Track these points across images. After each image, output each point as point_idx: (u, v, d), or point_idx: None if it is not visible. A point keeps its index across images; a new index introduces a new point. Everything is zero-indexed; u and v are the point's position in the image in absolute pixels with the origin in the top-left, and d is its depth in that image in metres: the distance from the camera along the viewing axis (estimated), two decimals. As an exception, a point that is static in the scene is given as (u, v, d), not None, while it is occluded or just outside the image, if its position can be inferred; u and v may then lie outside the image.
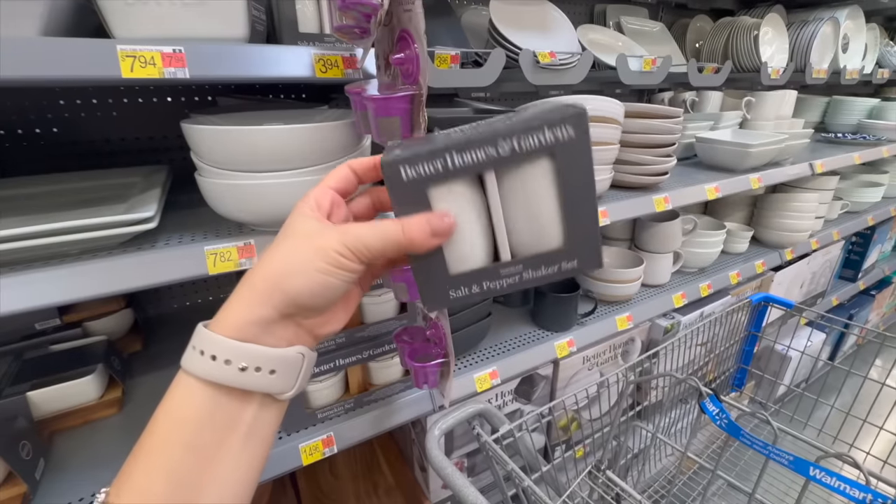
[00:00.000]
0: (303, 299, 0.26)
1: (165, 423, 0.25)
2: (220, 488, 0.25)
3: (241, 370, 0.25)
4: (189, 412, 0.25)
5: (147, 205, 0.50)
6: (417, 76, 0.42)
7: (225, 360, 0.25)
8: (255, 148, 0.45)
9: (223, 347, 0.25)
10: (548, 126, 0.26)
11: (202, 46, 0.43)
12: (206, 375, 0.25)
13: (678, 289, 1.10)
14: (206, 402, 0.25)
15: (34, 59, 0.37)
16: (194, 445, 0.25)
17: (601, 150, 0.79)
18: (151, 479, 0.24)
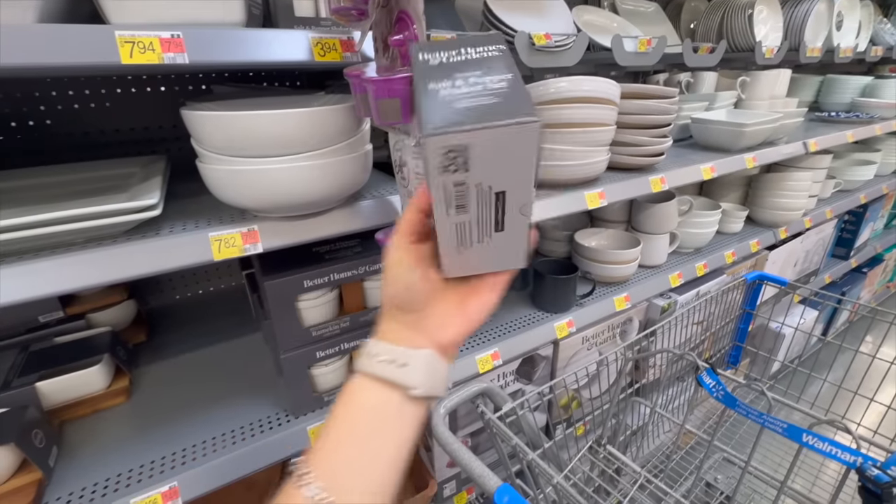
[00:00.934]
0: (398, 300, 0.33)
1: (337, 406, 0.32)
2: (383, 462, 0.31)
3: (380, 361, 0.31)
4: (355, 398, 0.32)
5: (150, 192, 0.50)
6: (416, 57, 0.42)
7: (371, 354, 0.32)
8: (255, 133, 0.46)
9: (371, 345, 0.33)
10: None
11: (200, 31, 0.43)
12: (364, 368, 0.32)
13: (674, 269, 1.11)
14: (364, 390, 0.31)
15: (32, 46, 0.37)
16: (354, 427, 0.31)
17: (597, 131, 0.79)
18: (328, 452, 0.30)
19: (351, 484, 0.29)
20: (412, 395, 0.31)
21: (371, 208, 0.60)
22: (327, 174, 0.50)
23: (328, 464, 0.30)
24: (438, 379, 0.32)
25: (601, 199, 0.83)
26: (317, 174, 0.50)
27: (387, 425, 0.31)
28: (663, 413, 0.98)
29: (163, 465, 0.60)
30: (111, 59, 0.40)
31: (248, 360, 0.81)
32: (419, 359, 0.31)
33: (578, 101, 0.76)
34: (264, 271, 0.62)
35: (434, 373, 0.32)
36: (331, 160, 0.50)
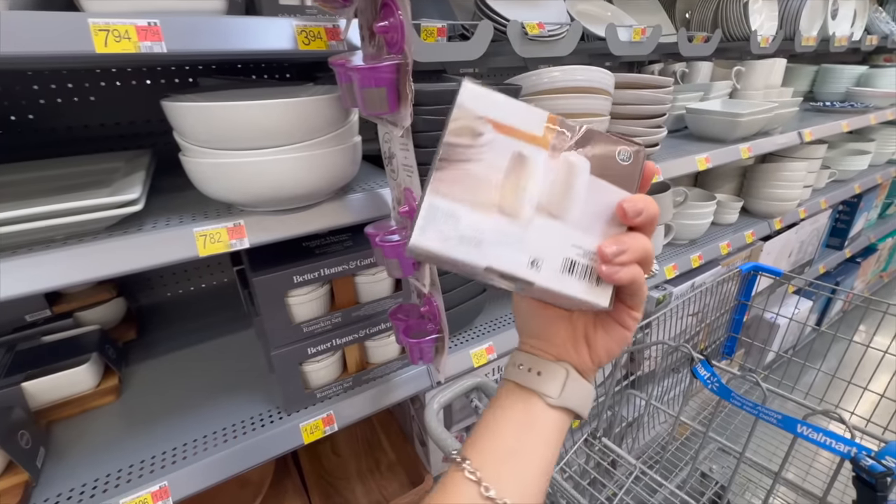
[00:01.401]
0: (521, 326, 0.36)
1: (489, 411, 0.33)
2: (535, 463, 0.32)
3: (519, 369, 0.33)
4: (499, 402, 0.33)
5: (132, 187, 0.49)
6: (402, 45, 0.41)
7: (514, 363, 0.34)
8: (239, 124, 0.44)
9: (514, 354, 0.35)
10: None
11: (179, 19, 0.42)
12: (506, 374, 0.34)
13: (669, 260, 1.11)
14: (509, 395, 0.33)
15: (3, 35, 0.36)
16: (501, 427, 0.32)
17: (591, 122, 0.78)
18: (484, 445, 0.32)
19: (508, 474, 0.30)
20: (550, 404, 0.32)
21: (361, 202, 0.59)
22: (315, 166, 0.49)
23: (484, 456, 0.31)
24: (576, 392, 0.32)
25: (595, 191, 0.82)
26: (303, 166, 0.48)
27: (534, 429, 0.32)
28: (658, 406, 0.98)
29: (153, 465, 0.59)
30: (85, 49, 0.38)
31: (240, 356, 0.80)
32: (553, 369, 0.32)
33: (572, 91, 0.75)
34: (253, 267, 0.61)
35: (570, 386, 0.32)
36: (318, 152, 0.49)
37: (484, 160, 0.26)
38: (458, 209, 0.25)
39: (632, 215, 0.26)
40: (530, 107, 0.26)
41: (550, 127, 0.26)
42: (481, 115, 0.25)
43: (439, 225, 0.25)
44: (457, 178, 0.25)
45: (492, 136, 0.26)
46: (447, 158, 0.25)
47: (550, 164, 0.26)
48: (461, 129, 0.25)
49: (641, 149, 0.27)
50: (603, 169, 0.27)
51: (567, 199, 0.27)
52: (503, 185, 0.26)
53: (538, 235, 0.26)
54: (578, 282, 0.27)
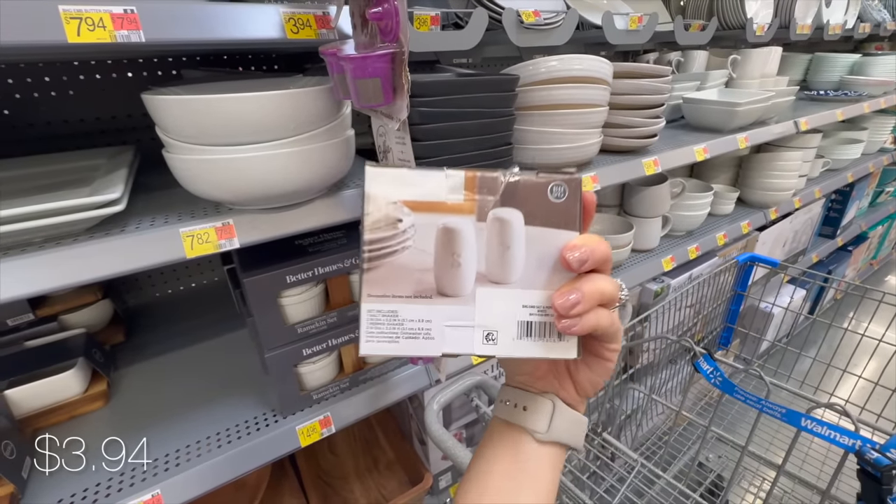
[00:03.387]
0: (505, 364, 0.35)
1: (479, 453, 0.33)
2: None
3: (506, 404, 0.32)
4: (489, 443, 0.33)
5: (113, 186, 0.46)
6: (398, 32, 0.39)
7: (500, 399, 0.33)
8: (225, 118, 0.42)
9: (503, 390, 0.33)
10: None
11: (157, 5, 0.39)
12: (495, 411, 0.33)
13: (667, 252, 1.10)
14: (498, 436, 0.32)
15: (-37, 22, 0.33)
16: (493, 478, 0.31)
17: (590, 112, 0.77)
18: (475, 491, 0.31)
19: None
20: (539, 440, 0.31)
21: (355, 198, 0.57)
22: (306, 162, 0.47)
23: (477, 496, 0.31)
24: (566, 424, 0.31)
25: (594, 184, 0.81)
26: (295, 162, 0.46)
27: (525, 472, 0.30)
28: (658, 399, 0.98)
29: (144, 473, 0.57)
30: (56, 38, 0.35)
31: (233, 358, 0.78)
32: (539, 403, 0.31)
33: (570, 81, 0.73)
34: (244, 267, 0.58)
35: (558, 418, 0.31)
36: (309, 146, 0.47)
37: (410, 247, 0.24)
38: (398, 307, 0.25)
39: (576, 266, 0.24)
40: (442, 173, 0.24)
41: (469, 190, 0.25)
42: (394, 200, 0.24)
43: (383, 328, 0.25)
44: (388, 276, 0.24)
45: (411, 219, 0.24)
46: (372, 258, 0.24)
47: (480, 227, 0.25)
48: (377, 222, 0.24)
49: (575, 178, 0.25)
50: (538, 214, 0.25)
51: (506, 261, 0.25)
52: (438, 267, 0.25)
53: (486, 307, 0.25)
54: (539, 342, 0.26)
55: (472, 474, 0.32)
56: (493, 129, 0.65)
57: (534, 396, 0.31)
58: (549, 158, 0.78)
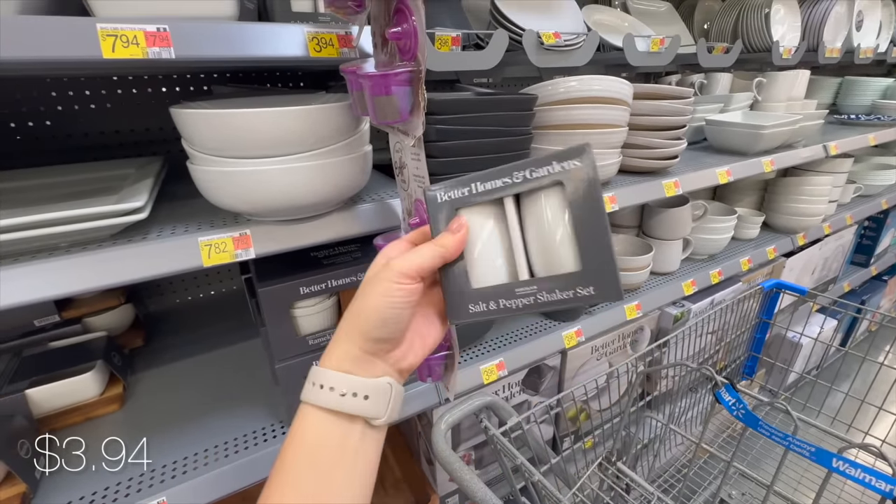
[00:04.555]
0: (376, 333, 0.31)
1: (291, 447, 0.30)
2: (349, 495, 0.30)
3: (342, 396, 0.30)
4: (309, 436, 0.30)
5: (138, 195, 0.48)
6: (416, 51, 0.39)
7: (330, 388, 0.30)
8: (247, 132, 0.43)
9: (328, 378, 0.30)
10: (556, 160, 0.30)
11: (187, 24, 0.41)
12: (318, 402, 0.30)
13: (688, 276, 1.07)
14: (320, 425, 0.30)
15: (10, 39, 0.35)
16: (315, 464, 0.29)
17: (609, 133, 0.76)
18: (284, 496, 0.29)
19: None
20: (375, 425, 0.31)
21: (371, 212, 0.57)
22: (324, 175, 0.48)
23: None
24: (397, 404, 0.33)
25: (612, 204, 0.80)
26: (313, 175, 0.47)
27: (349, 458, 0.30)
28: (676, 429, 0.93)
29: (152, 478, 0.57)
30: (92, 54, 0.37)
31: (246, 366, 0.79)
32: (380, 388, 0.31)
33: (589, 102, 0.73)
34: (259, 277, 0.59)
35: (394, 399, 0.32)
36: (328, 161, 0.48)
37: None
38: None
39: None
40: None
41: None
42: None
43: None
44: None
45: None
46: None
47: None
48: None
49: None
50: None
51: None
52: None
53: None
54: None
55: (286, 469, 0.30)
56: (509, 147, 0.65)
57: (375, 383, 0.31)
58: (566, 177, 0.77)
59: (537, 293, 0.31)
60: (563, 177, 0.30)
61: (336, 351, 0.32)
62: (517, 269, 0.32)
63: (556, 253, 0.31)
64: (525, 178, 0.31)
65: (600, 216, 0.29)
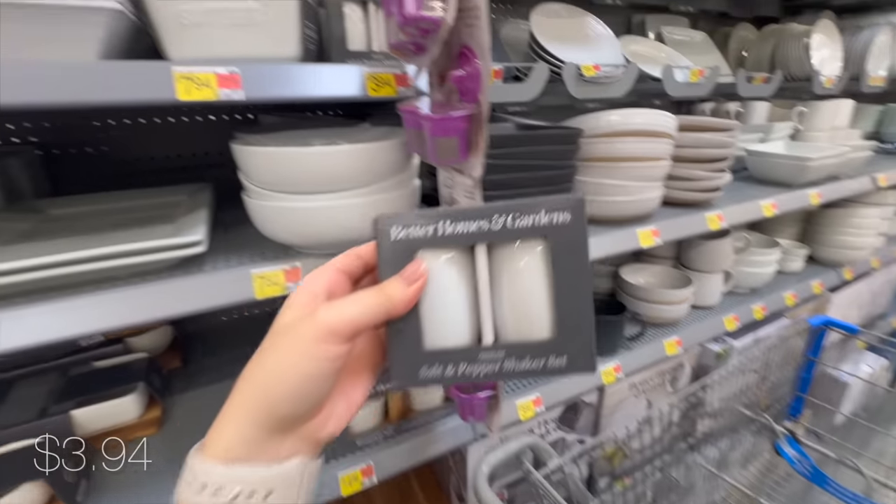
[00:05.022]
0: (286, 408, 0.23)
1: None
2: None
3: (233, 499, 0.22)
4: None
5: (195, 227, 0.49)
6: (477, 94, 0.40)
7: (215, 490, 0.22)
8: (306, 170, 0.44)
9: (212, 475, 0.22)
10: (545, 209, 0.26)
11: (256, 67, 0.42)
12: (185, 495, 0.22)
13: (729, 310, 1.03)
14: None
15: (92, 83, 0.37)
16: None
17: (651, 166, 0.75)
18: None
19: None
20: None
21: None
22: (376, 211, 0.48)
23: None
24: (312, 486, 0.25)
25: (655, 237, 0.78)
26: (366, 211, 0.47)
27: None
28: (718, 474, 0.88)
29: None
30: (167, 96, 0.39)
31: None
32: (288, 478, 0.23)
33: (633, 135, 0.72)
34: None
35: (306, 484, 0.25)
36: (380, 197, 0.48)
37: None
38: None
39: None
40: None
41: None
42: None
43: None
44: None
45: None
46: None
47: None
48: None
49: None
50: None
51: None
52: None
53: None
54: None
55: None
56: (554, 181, 0.64)
57: (280, 472, 0.23)
58: (608, 211, 0.76)
59: (504, 360, 0.27)
60: (549, 230, 0.26)
61: (226, 432, 0.23)
62: (482, 331, 0.28)
63: (529, 316, 0.27)
64: (505, 224, 0.26)
65: (585, 280, 0.26)
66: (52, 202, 0.67)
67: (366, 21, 0.55)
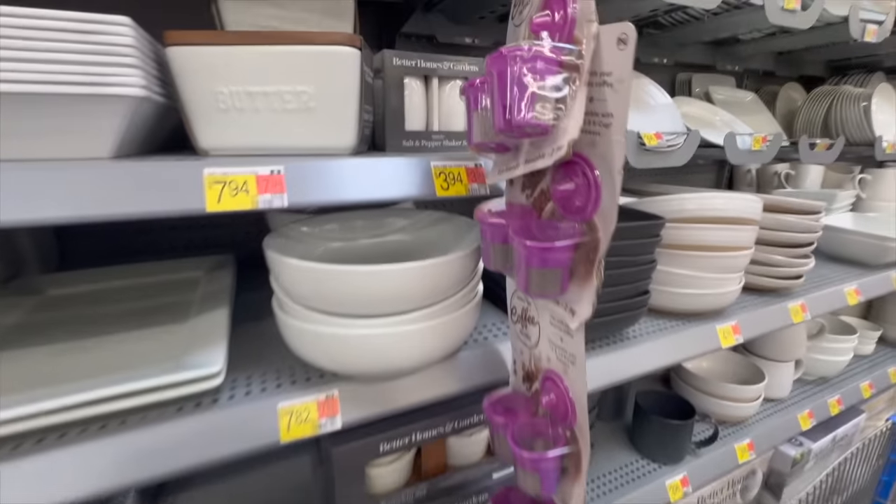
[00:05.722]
0: None
1: None
2: None
3: None
4: None
5: (211, 347, 0.40)
6: (590, 215, 0.31)
7: None
8: (357, 291, 0.35)
9: None
10: None
11: (305, 165, 0.34)
12: None
13: (803, 405, 0.90)
14: None
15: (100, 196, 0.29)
16: None
17: (733, 256, 0.65)
18: None
19: None
20: None
21: (474, 361, 0.47)
22: (439, 335, 0.39)
23: None
24: None
25: (735, 335, 0.67)
26: (424, 337, 0.38)
27: None
28: None
29: None
30: (193, 206, 0.31)
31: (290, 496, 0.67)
32: None
33: (715, 222, 0.63)
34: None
35: None
36: (444, 319, 0.38)
37: None
38: None
39: None
40: None
41: None
42: None
43: None
44: None
45: None
46: None
47: None
48: None
49: None
50: None
51: None
52: None
53: None
54: None
55: None
56: (633, 278, 0.55)
57: None
58: (680, 304, 0.66)
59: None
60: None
61: None
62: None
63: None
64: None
65: None
66: (54, 279, 0.59)
67: (426, 97, 0.48)
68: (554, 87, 0.26)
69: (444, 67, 0.47)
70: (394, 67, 0.44)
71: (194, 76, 0.35)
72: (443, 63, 0.47)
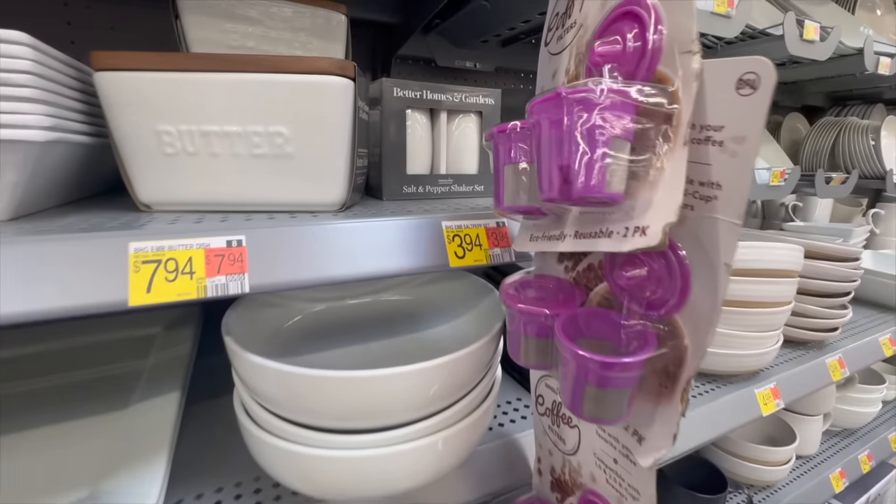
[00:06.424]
0: None
1: None
2: None
3: None
4: None
5: (146, 465, 0.30)
6: (669, 311, 0.22)
7: None
8: (345, 400, 0.26)
9: None
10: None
11: (276, 232, 0.25)
12: None
13: (834, 464, 0.82)
14: None
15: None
16: None
17: (773, 312, 0.57)
18: None
19: None
20: None
21: (490, 458, 0.38)
22: (448, 449, 0.29)
23: None
24: None
25: (776, 399, 0.59)
26: (434, 453, 0.29)
27: None
28: None
29: None
30: (108, 299, 0.21)
31: None
32: None
33: (754, 275, 0.56)
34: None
35: None
36: (455, 429, 0.29)
37: None
38: None
39: None
40: None
41: None
42: None
43: None
44: None
45: None
46: None
47: None
48: None
49: None
50: None
51: None
52: None
53: None
54: None
55: None
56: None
57: None
58: (715, 365, 0.58)
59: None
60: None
61: None
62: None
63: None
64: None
65: None
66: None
67: (432, 134, 0.40)
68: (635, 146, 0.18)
69: (454, 99, 0.39)
70: (394, 99, 0.36)
71: (129, 110, 0.26)
72: (452, 94, 0.39)
